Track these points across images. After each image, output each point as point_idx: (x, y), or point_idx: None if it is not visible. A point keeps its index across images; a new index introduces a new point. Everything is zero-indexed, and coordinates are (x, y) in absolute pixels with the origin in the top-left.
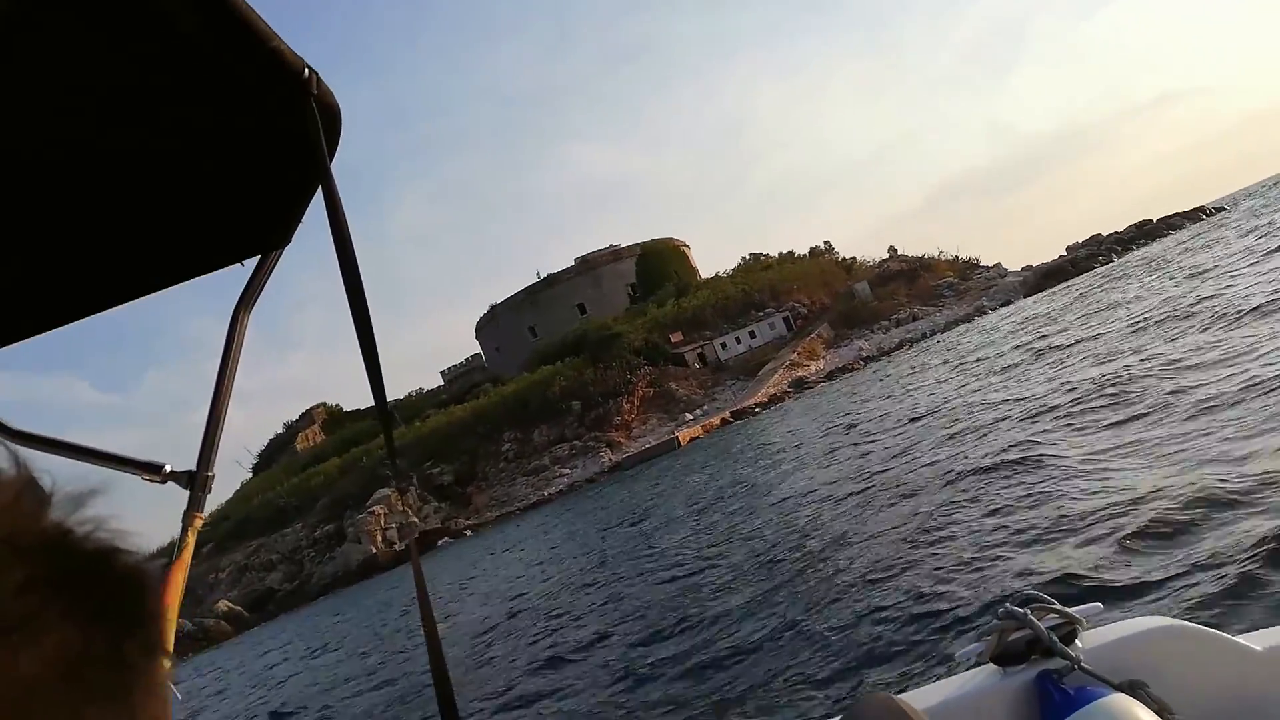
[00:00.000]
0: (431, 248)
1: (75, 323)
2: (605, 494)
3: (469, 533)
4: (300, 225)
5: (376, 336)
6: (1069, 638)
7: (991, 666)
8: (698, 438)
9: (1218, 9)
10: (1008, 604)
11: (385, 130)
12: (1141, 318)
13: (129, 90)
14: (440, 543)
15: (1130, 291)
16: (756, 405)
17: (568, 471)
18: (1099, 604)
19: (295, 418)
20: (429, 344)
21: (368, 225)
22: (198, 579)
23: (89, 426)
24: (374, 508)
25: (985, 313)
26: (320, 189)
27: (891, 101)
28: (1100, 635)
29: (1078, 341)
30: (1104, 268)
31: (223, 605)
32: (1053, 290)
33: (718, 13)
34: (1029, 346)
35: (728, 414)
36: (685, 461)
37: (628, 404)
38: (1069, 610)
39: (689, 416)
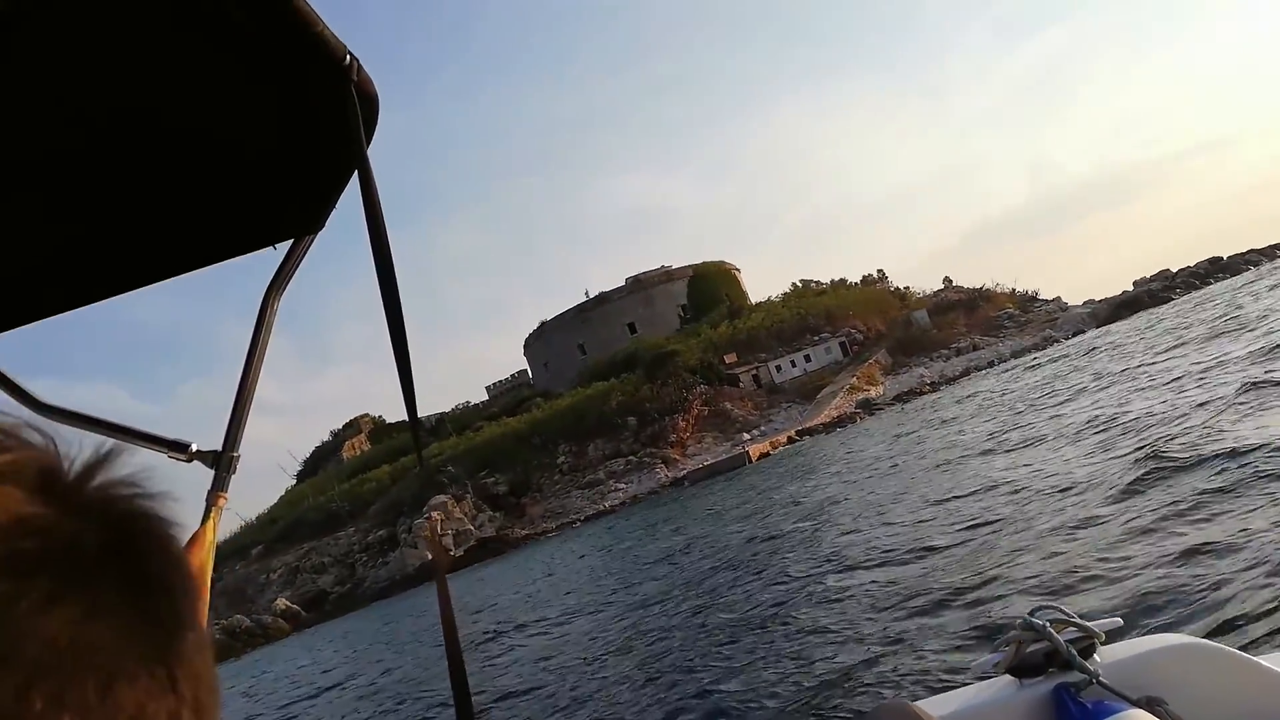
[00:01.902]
0: (476, 268)
1: (114, 320)
2: (669, 506)
3: (536, 538)
4: (333, 214)
5: (418, 347)
6: (1087, 651)
7: (1009, 677)
8: (768, 454)
9: (1268, 54)
10: (1026, 616)
11: (425, 155)
12: None
13: (171, 68)
14: (518, 546)
15: None
16: (822, 425)
17: (623, 486)
18: (1118, 619)
19: (339, 427)
20: (472, 361)
21: (412, 242)
22: (248, 579)
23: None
24: (431, 513)
25: (1056, 342)
26: (356, 176)
27: (933, 139)
28: (1119, 650)
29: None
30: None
31: (281, 604)
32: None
33: (766, 49)
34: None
35: (793, 432)
36: (754, 477)
37: (683, 421)
38: (1088, 624)
39: (746, 436)
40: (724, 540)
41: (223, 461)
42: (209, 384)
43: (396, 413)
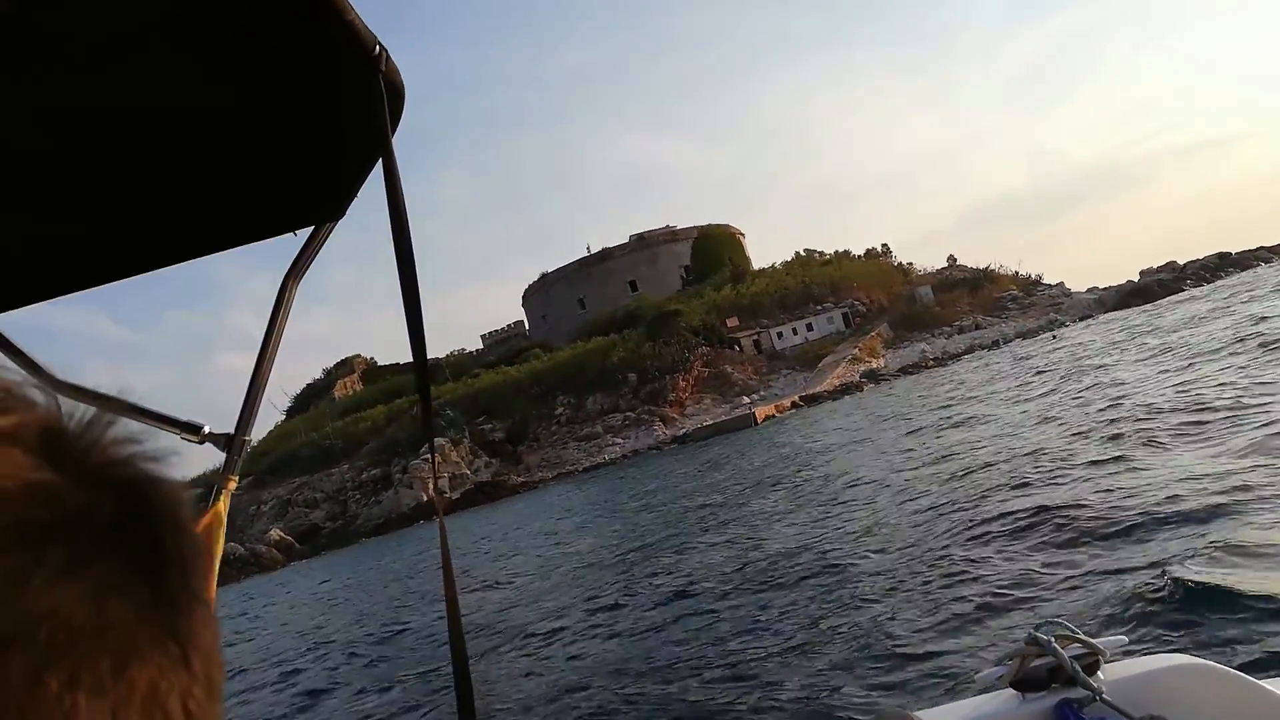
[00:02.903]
0: (469, 219)
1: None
2: (671, 461)
3: (534, 485)
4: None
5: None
6: (1091, 668)
7: (1011, 691)
8: (772, 416)
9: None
10: (1031, 630)
11: (424, 102)
12: None
13: (200, 55)
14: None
15: None
16: (825, 393)
17: (620, 441)
18: (1123, 637)
19: (332, 365)
20: (465, 309)
21: (406, 188)
22: (237, 509)
23: (111, 362)
24: (428, 455)
25: (1063, 325)
26: (379, 165)
27: (935, 118)
28: (1123, 668)
29: None
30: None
31: (274, 534)
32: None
33: (771, 13)
34: None
35: (797, 398)
36: (757, 439)
37: (683, 381)
38: (1093, 640)
39: (746, 400)
40: (717, 508)
41: (234, 445)
42: (195, 316)
43: (388, 355)
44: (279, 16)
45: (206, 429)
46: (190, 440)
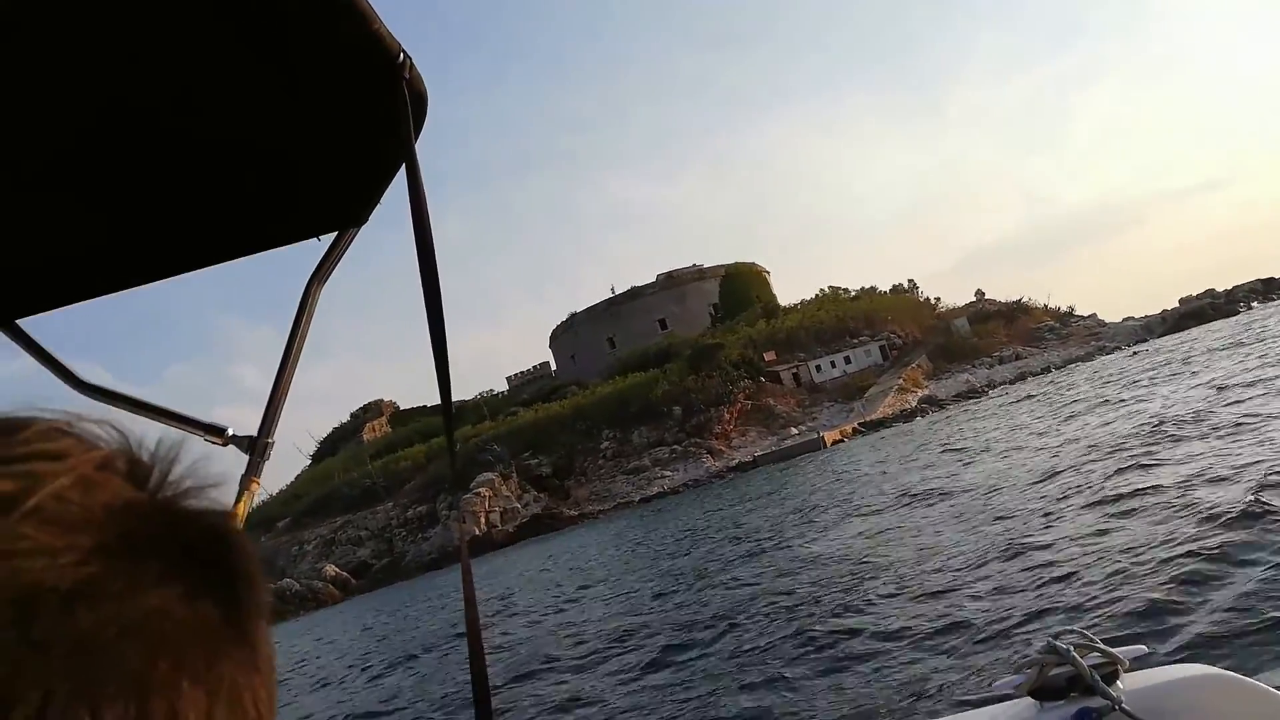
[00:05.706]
0: (478, 265)
1: (111, 308)
2: (732, 492)
3: (592, 517)
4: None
5: (427, 335)
6: (1111, 678)
7: (1029, 700)
8: (840, 440)
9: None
10: (1050, 638)
11: (441, 145)
12: None
13: (225, 62)
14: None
15: None
16: (889, 417)
17: (669, 474)
18: (1143, 646)
19: (358, 408)
20: (480, 356)
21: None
22: (277, 550)
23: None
24: (479, 489)
25: (1111, 352)
26: (403, 171)
27: (931, 162)
28: (1143, 678)
29: None
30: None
31: (330, 570)
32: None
33: (768, 63)
34: None
35: (858, 424)
36: (825, 463)
37: (728, 414)
38: (1112, 650)
39: (794, 431)
40: (754, 529)
41: (257, 447)
42: (198, 367)
43: (409, 399)
44: (307, 25)
45: (230, 431)
46: (214, 443)
